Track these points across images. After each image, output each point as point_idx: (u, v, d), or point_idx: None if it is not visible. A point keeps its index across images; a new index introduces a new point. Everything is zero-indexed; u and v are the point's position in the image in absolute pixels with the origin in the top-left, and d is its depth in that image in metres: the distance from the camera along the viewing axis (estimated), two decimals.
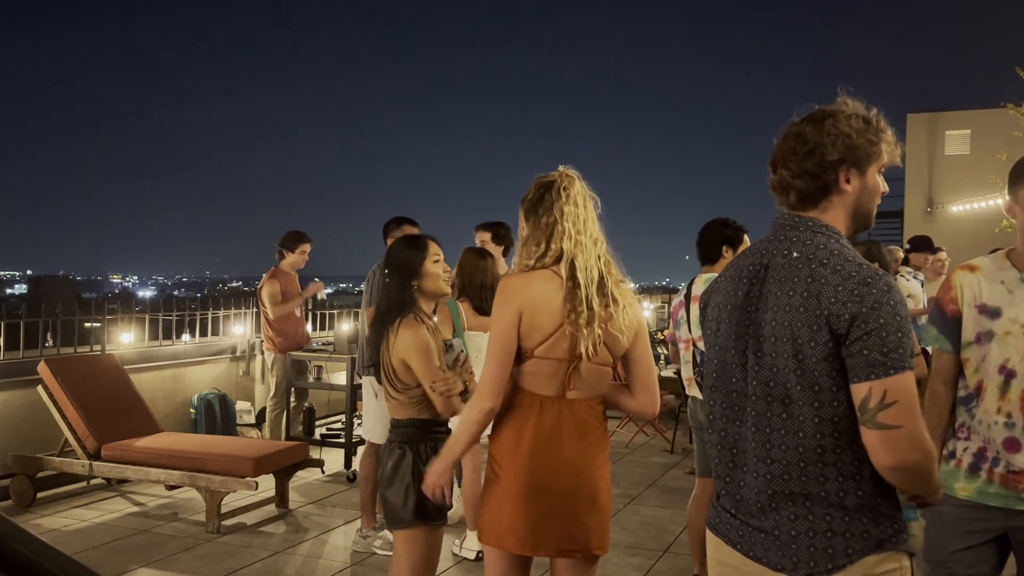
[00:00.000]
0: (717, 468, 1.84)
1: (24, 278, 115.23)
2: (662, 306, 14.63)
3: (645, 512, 5.45)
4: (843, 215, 1.76)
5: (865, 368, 1.57)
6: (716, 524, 1.85)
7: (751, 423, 1.72)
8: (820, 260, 1.66)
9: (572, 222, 2.41)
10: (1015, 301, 2.29)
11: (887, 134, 1.76)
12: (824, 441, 1.62)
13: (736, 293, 1.78)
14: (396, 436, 2.82)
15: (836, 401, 1.61)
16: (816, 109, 1.78)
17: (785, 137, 1.78)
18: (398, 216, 5.06)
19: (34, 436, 5.67)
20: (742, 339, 1.75)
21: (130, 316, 7.01)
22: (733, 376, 1.77)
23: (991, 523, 2.33)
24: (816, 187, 1.73)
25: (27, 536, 0.99)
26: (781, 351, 1.65)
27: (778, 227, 1.79)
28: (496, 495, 2.41)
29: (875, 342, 1.56)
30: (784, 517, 1.67)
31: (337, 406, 7.74)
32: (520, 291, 2.39)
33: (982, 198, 16.45)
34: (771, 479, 1.68)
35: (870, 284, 1.59)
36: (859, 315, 1.57)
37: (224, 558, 4.49)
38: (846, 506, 1.63)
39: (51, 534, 4.83)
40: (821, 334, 1.60)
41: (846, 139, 1.70)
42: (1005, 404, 2.28)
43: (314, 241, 6.75)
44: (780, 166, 1.77)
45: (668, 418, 7.90)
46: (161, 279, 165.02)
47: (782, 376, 1.66)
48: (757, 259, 1.78)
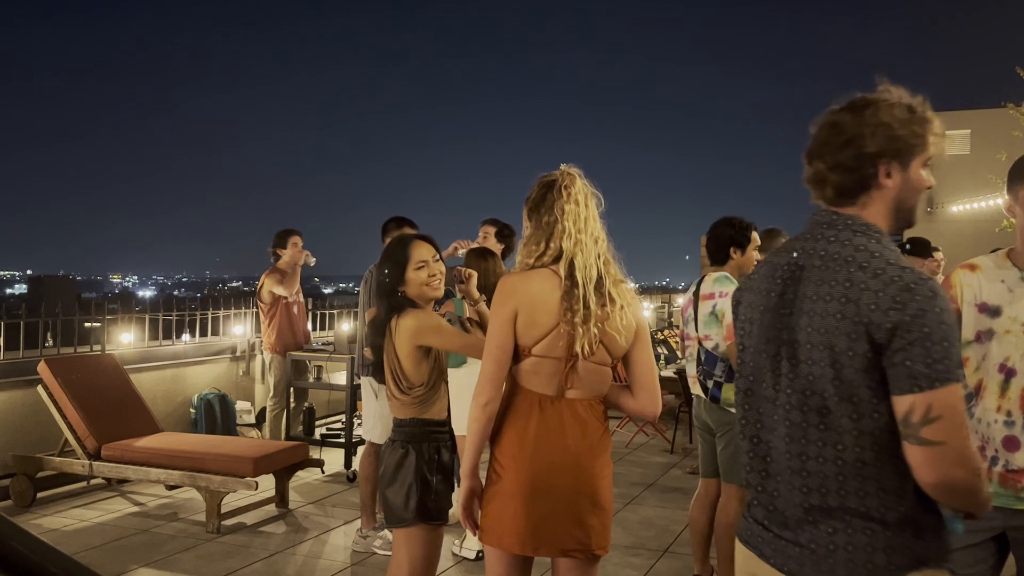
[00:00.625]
0: (749, 477, 1.74)
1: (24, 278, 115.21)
2: (662, 306, 14.65)
3: (645, 512, 5.45)
4: (883, 212, 1.64)
5: (908, 380, 1.47)
6: (748, 536, 1.74)
7: (784, 433, 1.63)
8: (859, 263, 1.55)
9: (572, 220, 2.41)
10: (1015, 300, 2.29)
11: (933, 124, 1.64)
12: (864, 454, 1.53)
13: (769, 294, 1.69)
14: (398, 435, 2.83)
15: (876, 413, 1.52)
16: (856, 96, 1.65)
17: (821, 126, 1.66)
18: (397, 216, 5.06)
19: (34, 436, 5.67)
20: (774, 344, 1.65)
21: (130, 316, 7.01)
22: (764, 382, 1.68)
23: (989, 522, 2.32)
24: (853, 181, 1.62)
25: (27, 536, 0.99)
26: (817, 359, 1.56)
27: (815, 224, 1.67)
28: (498, 495, 2.40)
29: (919, 352, 1.45)
30: (822, 531, 1.58)
31: (337, 406, 7.74)
32: (518, 289, 2.40)
33: (982, 198, 16.45)
34: (808, 492, 1.59)
35: (913, 290, 1.48)
36: (901, 324, 1.46)
37: (224, 558, 4.49)
38: (887, 521, 1.53)
39: (51, 534, 4.83)
40: (860, 343, 1.50)
41: (887, 129, 1.59)
42: (1005, 403, 2.28)
43: (304, 234, 6.74)
44: (815, 157, 1.66)
45: (668, 418, 7.90)
46: (161, 279, 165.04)
47: (818, 385, 1.56)
48: (792, 258, 1.67)
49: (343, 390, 6.55)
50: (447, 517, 2.85)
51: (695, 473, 6.40)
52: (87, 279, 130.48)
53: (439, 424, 2.83)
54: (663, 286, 37.53)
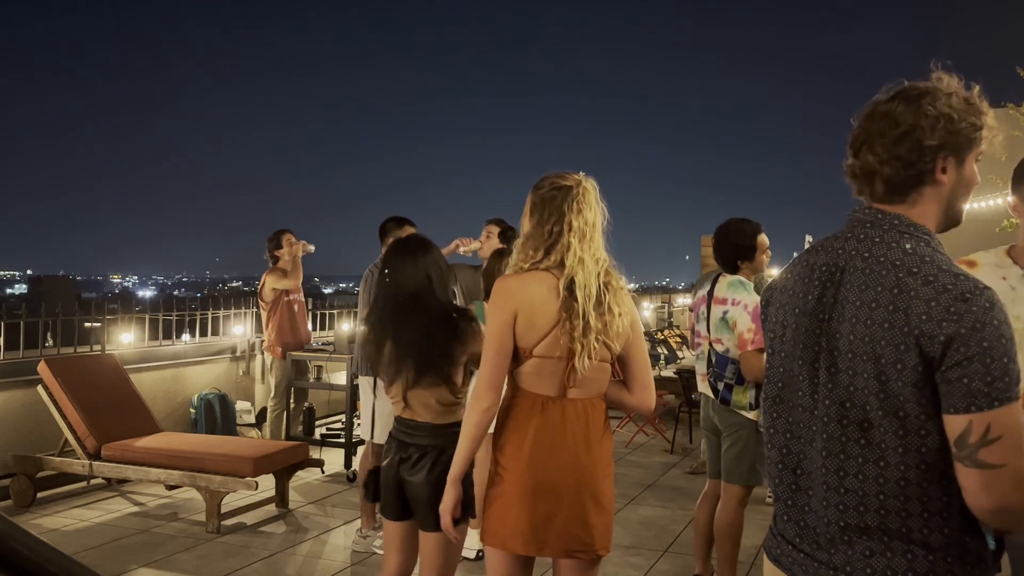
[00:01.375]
0: (778, 489, 1.64)
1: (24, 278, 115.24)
2: (662, 306, 14.64)
3: (645, 512, 5.44)
4: (934, 211, 1.54)
5: (965, 398, 1.35)
6: (778, 555, 1.64)
7: (820, 446, 1.51)
8: (909, 268, 1.43)
9: (578, 239, 2.38)
10: (1017, 298, 2.27)
11: (988, 117, 1.53)
12: (909, 473, 1.42)
13: (806, 296, 1.56)
14: (437, 440, 2.82)
15: (924, 430, 1.40)
16: (908, 85, 1.53)
17: (871, 116, 1.54)
18: (396, 216, 5.05)
19: (34, 436, 5.68)
20: (811, 350, 1.54)
21: (130, 316, 7.01)
22: (799, 390, 1.56)
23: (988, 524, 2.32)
24: (909, 176, 1.50)
25: (27, 536, 0.99)
26: (860, 370, 1.44)
27: (857, 223, 1.56)
28: (500, 496, 2.40)
29: (977, 369, 1.34)
30: (858, 553, 1.48)
31: (337, 406, 7.74)
32: (516, 292, 2.39)
33: (982, 198, 16.43)
34: (844, 510, 1.48)
35: (970, 300, 1.37)
36: (957, 337, 1.35)
37: (224, 558, 4.49)
38: (930, 544, 1.43)
39: (51, 534, 4.83)
40: (909, 356, 1.39)
41: (947, 121, 1.48)
42: None
43: (295, 231, 6.78)
44: (865, 149, 1.53)
45: (668, 418, 7.90)
46: (161, 279, 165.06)
47: (860, 398, 1.45)
48: (831, 259, 1.55)
49: (343, 390, 6.55)
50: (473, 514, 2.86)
51: (695, 473, 6.41)
52: (87, 279, 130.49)
53: (440, 424, 2.83)
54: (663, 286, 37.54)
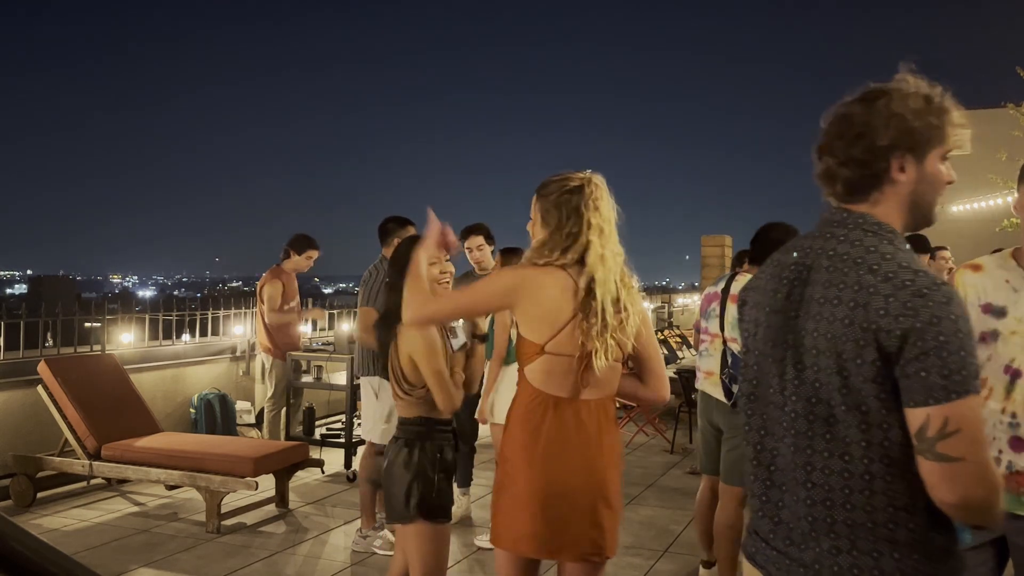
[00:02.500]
0: (753, 486, 1.67)
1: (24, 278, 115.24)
2: (662, 306, 14.65)
3: (645, 512, 5.44)
4: (897, 209, 1.55)
5: (923, 392, 1.37)
6: (753, 553, 1.67)
7: (790, 441, 1.55)
8: (870, 265, 1.47)
9: (598, 235, 2.36)
10: (1021, 300, 2.28)
11: (951, 115, 1.54)
12: (873, 467, 1.44)
13: (776, 294, 1.60)
14: (402, 433, 2.85)
15: (886, 424, 1.43)
16: (870, 87, 1.56)
17: (832, 119, 1.58)
18: (396, 216, 5.04)
19: (34, 436, 5.67)
20: (780, 347, 1.57)
21: (130, 316, 7.01)
22: (771, 387, 1.60)
23: None
24: (865, 176, 1.54)
25: (27, 536, 0.99)
26: (824, 366, 1.47)
27: (825, 223, 1.59)
28: (512, 499, 2.37)
29: (934, 363, 1.36)
30: (825, 550, 1.50)
31: (337, 406, 7.74)
32: (529, 280, 2.36)
33: (982, 198, 16.44)
34: (812, 504, 1.51)
35: (927, 295, 1.39)
36: (913, 331, 1.37)
37: (224, 558, 4.49)
38: (896, 540, 1.45)
39: (51, 534, 4.83)
40: (868, 351, 1.42)
41: (900, 121, 1.50)
42: (1010, 404, 2.27)
43: (322, 250, 6.75)
44: (826, 152, 1.58)
45: (668, 418, 7.90)
46: (161, 279, 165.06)
47: (825, 393, 1.48)
48: (800, 257, 1.59)
49: (343, 390, 6.55)
50: (450, 515, 2.86)
51: (695, 473, 6.41)
52: (87, 279, 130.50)
53: (443, 423, 2.84)
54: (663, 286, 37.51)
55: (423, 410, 2.82)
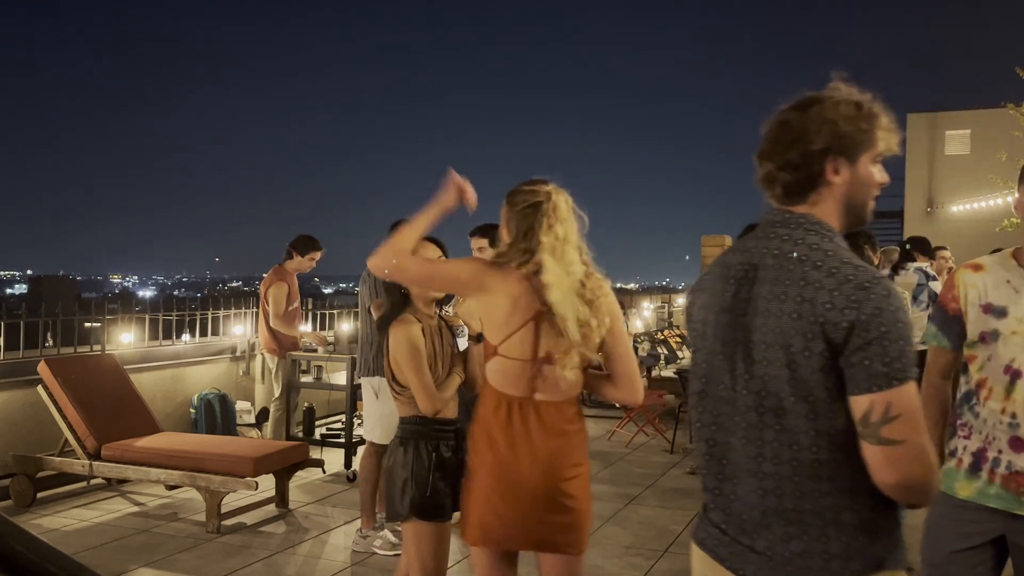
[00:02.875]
0: (705, 480, 1.74)
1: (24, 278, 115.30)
2: (662, 306, 14.64)
3: (645, 512, 5.44)
4: (834, 209, 1.64)
5: (866, 380, 1.46)
6: (703, 539, 1.74)
7: (741, 434, 1.62)
8: (813, 262, 1.55)
9: (549, 253, 2.41)
10: (1021, 300, 2.28)
11: (881, 120, 1.63)
12: (820, 455, 1.53)
13: (723, 294, 1.67)
14: (400, 432, 2.87)
15: (832, 412, 1.51)
16: (803, 95, 1.65)
17: (771, 126, 1.67)
18: (407, 219, 5.02)
19: (34, 436, 5.67)
20: (730, 345, 1.64)
21: (130, 316, 7.00)
22: (721, 383, 1.67)
23: (989, 525, 2.32)
24: (802, 179, 1.62)
25: (27, 536, 0.99)
26: (772, 359, 1.55)
27: (767, 223, 1.68)
28: (470, 494, 2.50)
29: (876, 352, 1.46)
30: (777, 536, 1.58)
31: (337, 406, 7.74)
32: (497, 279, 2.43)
33: (982, 198, 16.45)
34: (763, 494, 1.59)
35: (868, 288, 1.48)
36: (858, 323, 1.46)
37: (224, 558, 4.49)
38: (843, 523, 1.54)
39: (51, 534, 4.83)
40: (816, 343, 1.50)
41: (832, 126, 1.59)
42: (1010, 405, 2.27)
43: (325, 251, 6.72)
44: (765, 158, 1.67)
45: (668, 418, 7.90)
46: (161, 279, 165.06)
47: (774, 386, 1.56)
48: (745, 258, 1.67)
49: (343, 390, 6.55)
50: (448, 515, 2.86)
51: (695, 473, 6.41)
52: (87, 279, 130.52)
53: (441, 423, 2.85)
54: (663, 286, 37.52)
55: (418, 409, 2.83)
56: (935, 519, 2.43)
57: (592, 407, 9.29)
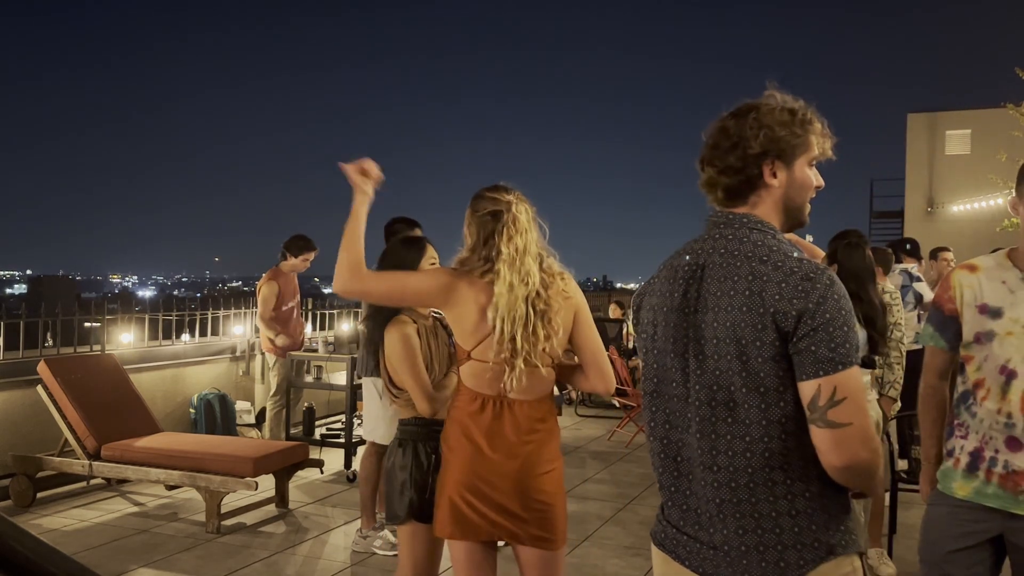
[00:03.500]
0: (661, 478, 1.78)
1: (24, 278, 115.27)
2: None
3: (645, 512, 5.44)
4: (773, 210, 1.71)
5: (813, 365, 1.53)
6: (662, 539, 1.79)
7: (695, 430, 1.66)
8: (760, 257, 1.61)
9: (507, 265, 2.45)
10: (1017, 301, 2.28)
11: (814, 125, 1.70)
12: (772, 444, 1.58)
13: (672, 294, 1.72)
14: (399, 434, 2.88)
15: (783, 401, 1.57)
16: (742, 103, 1.73)
17: (711, 133, 1.73)
18: (403, 217, 5.03)
19: (34, 436, 5.67)
20: (681, 343, 1.69)
21: (130, 316, 7.01)
22: (673, 381, 1.71)
23: (987, 524, 2.32)
24: (741, 182, 1.69)
25: (27, 536, 0.99)
26: (724, 353, 1.60)
27: (712, 224, 1.73)
28: (443, 486, 2.53)
29: (822, 338, 1.52)
30: (732, 531, 1.62)
31: (337, 406, 7.74)
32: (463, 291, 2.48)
33: (982, 198, 16.45)
34: (718, 487, 1.63)
35: (813, 279, 1.55)
36: (806, 311, 1.53)
37: (224, 558, 4.49)
38: (795, 511, 1.58)
39: (51, 534, 4.83)
40: (767, 333, 1.55)
41: (768, 131, 1.66)
42: (1005, 405, 2.27)
43: (319, 250, 6.73)
44: (706, 163, 1.73)
45: None
46: (161, 279, 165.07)
47: (726, 379, 1.60)
48: (692, 258, 1.72)
49: (343, 390, 6.55)
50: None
51: None
52: (87, 279, 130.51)
53: (442, 424, 2.84)
54: None
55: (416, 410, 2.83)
56: (933, 519, 2.44)
57: (592, 407, 9.29)
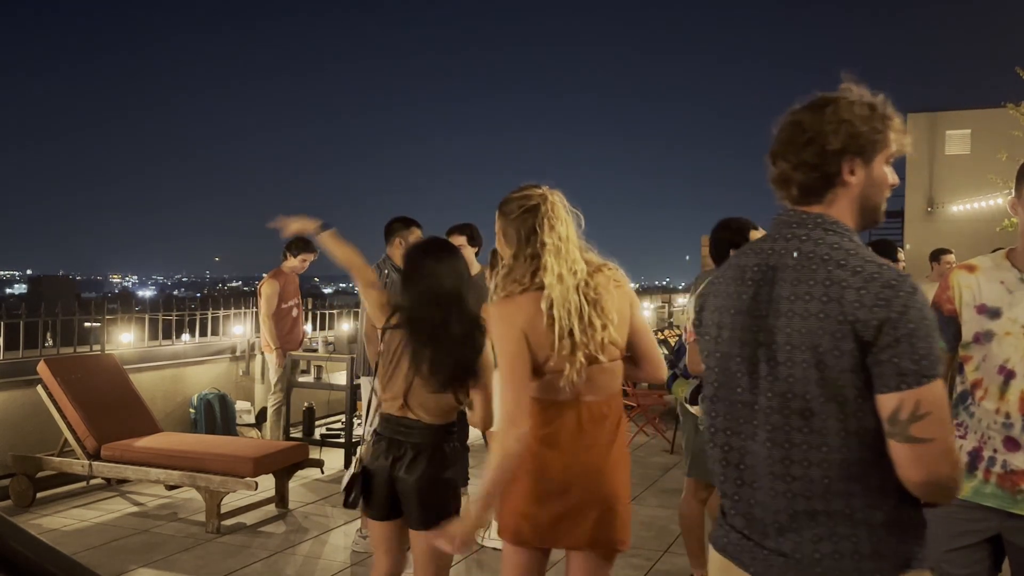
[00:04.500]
0: (723, 485, 1.71)
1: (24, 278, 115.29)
2: (662, 306, 14.65)
3: (645, 512, 5.44)
4: (849, 209, 1.63)
5: (895, 378, 1.45)
6: (724, 545, 1.71)
7: (765, 437, 1.59)
8: (837, 261, 1.53)
9: (554, 255, 2.39)
10: (1015, 301, 2.28)
11: (894, 121, 1.63)
12: (851, 455, 1.51)
13: (740, 296, 1.65)
14: (378, 427, 2.94)
15: (862, 412, 1.50)
16: (817, 96, 1.65)
17: (783, 127, 1.66)
18: (402, 217, 5.04)
19: (34, 436, 5.67)
20: (748, 347, 1.62)
21: (130, 316, 7.01)
22: (738, 386, 1.64)
23: (985, 523, 2.32)
24: (817, 179, 1.61)
25: (27, 536, 0.99)
26: (798, 361, 1.53)
27: (782, 224, 1.65)
28: (515, 494, 2.43)
29: (905, 349, 1.44)
30: (806, 538, 1.55)
31: (337, 406, 7.74)
32: (517, 315, 2.39)
33: (982, 198, 16.45)
34: (792, 497, 1.56)
35: (895, 286, 1.47)
36: (887, 321, 1.45)
37: (224, 558, 4.49)
38: (873, 523, 1.52)
39: (51, 534, 4.83)
40: (846, 342, 1.48)
41: (849, 127, 1.58)
42: (1004, 405, 2.27)
43: (318, 253, 6.76)
44: (779, 158, 1.65)
45: (668, 418, 7.90)
46: (161, 279, 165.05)
47: (800, 387, 1.53)
48: (762, 259, 1.64)
49: (343, 390, 6.55)
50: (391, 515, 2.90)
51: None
52: (87, 279, 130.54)
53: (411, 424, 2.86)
54: (663, 286, 37.55)
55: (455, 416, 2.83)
56: (931, 518, 2.43)
57: None
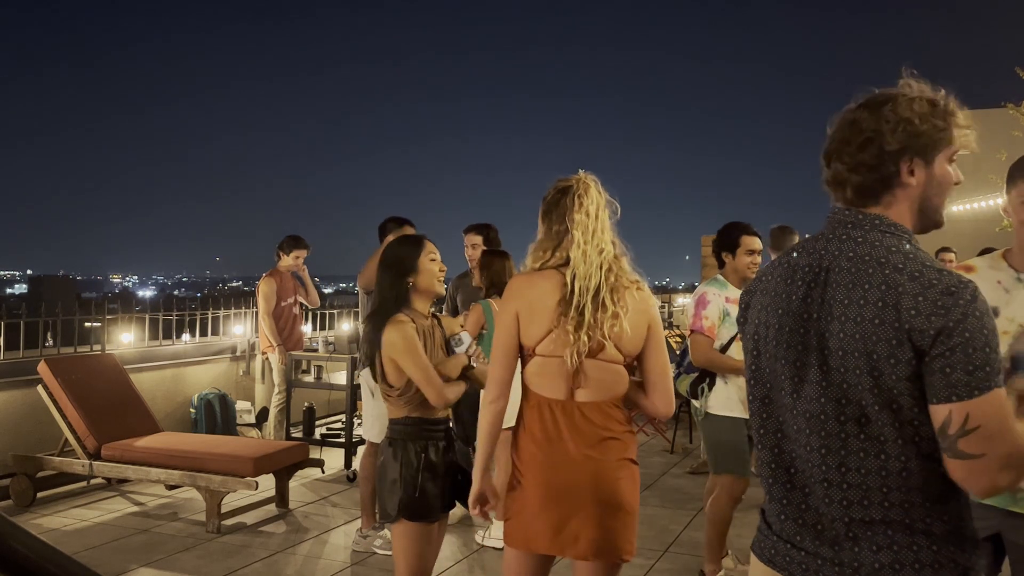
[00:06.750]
0: (772, 490, 1.64)
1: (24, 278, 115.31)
2: (662, 306, 14.66)
3: (645, 512, 5.43)
4: (909, 211, 1.56)
5: (946, 389, 1.38)
6: (772, 555, 1.63)
7: (819, 444, 1.52)
8: (895, 265, 1.46)
9: (581, 231, 2.43)
10: (1012, 301, 2.29)
11: (957, 117, 1.55)
12: (910, 464, 1.45)
13: (789, 297, 1.57)
14: (390, 433, 2.88)
15: (918, 421, 1.43)
16: (874, 93, 1.56)
17: (839, 126, 1.58)
18: (396, 216, 5.07)
19: (34, 436, 5.68)
20: (796, 349, 1.55)
21: (130, 316, 7.02)
22: (782, 389, 1.58)
23: (985, 522, 2.31)
24: (875, 180, 1.54)
25: (27, 536, 0.99)
26: (852, 367, 1.46)
27: (837, 224, 1.57)
28: (518, 498, 2.43)
29: (959, 359, 1.37)
30: (865, 548, 1.49)
31: (337, 406, 7.74)
32: (521, 292, 2.45)
33: (982, 198, 16.44)
34: (848, 505, 1.50)
35: (955, 294, 1.39)
36: (944, 329, 1.37)
37: (224, 558, 4.49)
38: (933, 533, 1.46)
39: (51, 534, 4.83)
40: (903, 350, 1.41)
41: (908, 125, 1.50)
42: None
43: (312, 247, 6.85)
44: (834, 158, 1.58)
45: (668, 418, 7.90)
46: (161, 279, 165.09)
47: (855, 393, 1.46)
48: (815, 259, 1.57)
49: (343, 390, 6.55)
50: (436, 516, 2.86)
51: (695, 473, 6.42)
52: (87, 279, 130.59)
53: (432, 423, 2.84)
54: (663, 286, 37.55)
55: (409, 410, 2.83)
56: None
57: None
